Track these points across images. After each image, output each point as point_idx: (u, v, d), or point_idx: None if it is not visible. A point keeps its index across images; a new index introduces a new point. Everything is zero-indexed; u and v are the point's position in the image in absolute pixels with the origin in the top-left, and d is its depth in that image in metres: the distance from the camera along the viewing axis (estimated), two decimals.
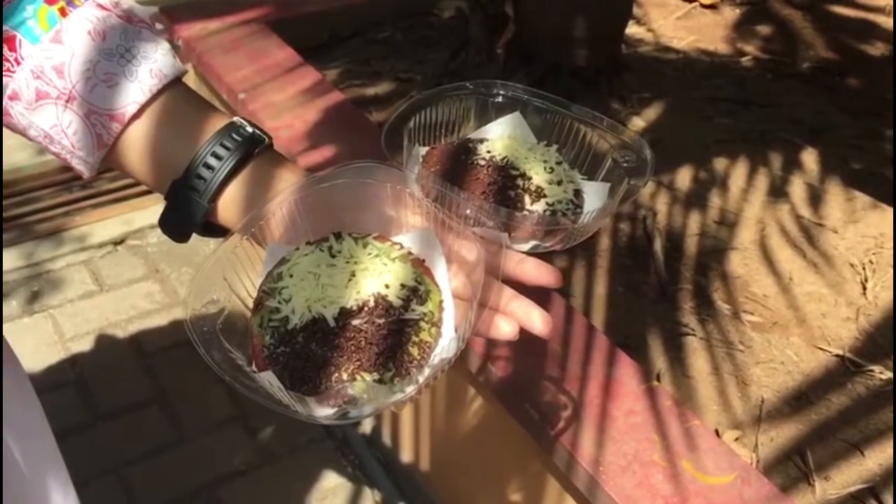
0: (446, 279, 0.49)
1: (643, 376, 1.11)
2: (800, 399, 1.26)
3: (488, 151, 0.55)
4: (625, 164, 0.53)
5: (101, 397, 1.69)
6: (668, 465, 1.00)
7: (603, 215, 0.51)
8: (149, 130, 0.53)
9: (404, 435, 1.54)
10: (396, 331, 0.46)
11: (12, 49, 0.50)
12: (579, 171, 0.56)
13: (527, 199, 0.52)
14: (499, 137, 0.56)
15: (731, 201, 1.66)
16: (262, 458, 1.58)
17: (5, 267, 1.97)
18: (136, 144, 0.53)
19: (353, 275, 0.48)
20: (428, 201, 0.50)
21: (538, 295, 0.49)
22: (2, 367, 0.63)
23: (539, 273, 0.50)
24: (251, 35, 1.89)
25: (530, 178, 0.53)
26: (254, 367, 0.46)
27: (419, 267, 0.49)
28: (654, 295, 1.44)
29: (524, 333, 0.49)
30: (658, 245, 1.53)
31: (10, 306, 1.88)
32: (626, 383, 1.10)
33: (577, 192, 0.54)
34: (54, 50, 0.51)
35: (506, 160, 0.54)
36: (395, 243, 0.50)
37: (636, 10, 2.45)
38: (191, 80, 2.07)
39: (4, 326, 1.83)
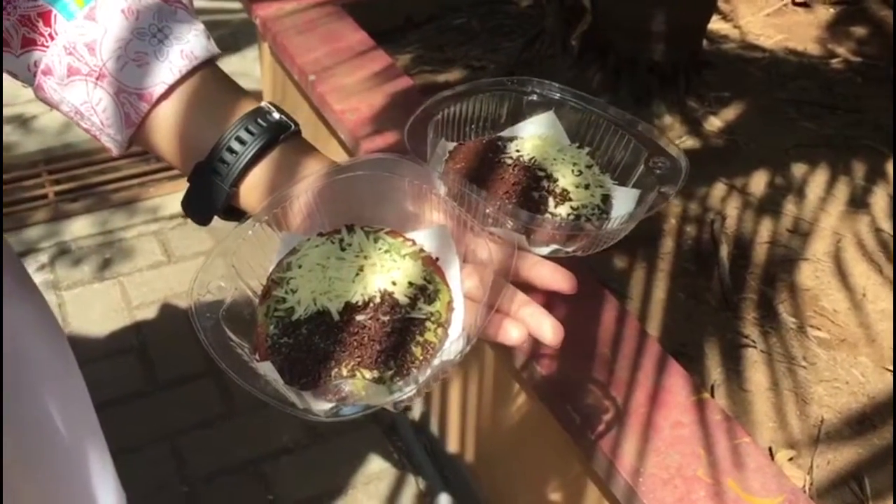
0: (458, 279, 0.48)
1: (694, 387, 1.07)
2: (862, 422, 1.20)
3: (517, 150, 0.53)
4: (657, 171, 0.50)
5: (161, 366, 1.73)
6: (713, 482, 0.96)
7: (629, 223, 0.48)
8: (176, 112, 0.52)
9: (451, 424, 1.53)
10: (401, 329, 0.44)
11: (47, 24, 0.51)
12: (611, 176, 0.54)
13: (551, 202, 0.50)
14: (529, 137, 0.54)
15: (807, 210, 1.59)
16: (309, 437, 1.60)
17: (81, 233, 2.04)
18: (163, 125, 0.53)
19: (361, 269, 0.47)
20: (449, 198, 0.48)
21: (591, 297, 0.47)
22: (2, 274, 0.63)
23: (554, 278, 0.47)
24: (326, 17, 1.90)
25: (556, 181, 0.51)
26: (256, 357, 0.46)
27: (430, 265, 0.48)
28: (715, 303, 1.39)
29: (567, 334, 0.47)
30: (724, 251, 1.47)
31: (83, 271, 1.95)
32: (675, 393, 1.06)
33: (606, 198, 0.51)
34: (87, 27, 0.51)
35: (533, 160, 0.52)
36: (408, 239, 0.49)
37: (723, 6, 2.37)
38: (266, 61, 2.09)
39: (75, 291, 1.89)
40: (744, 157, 1.73)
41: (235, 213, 0.55)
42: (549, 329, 0.46)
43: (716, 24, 2.26)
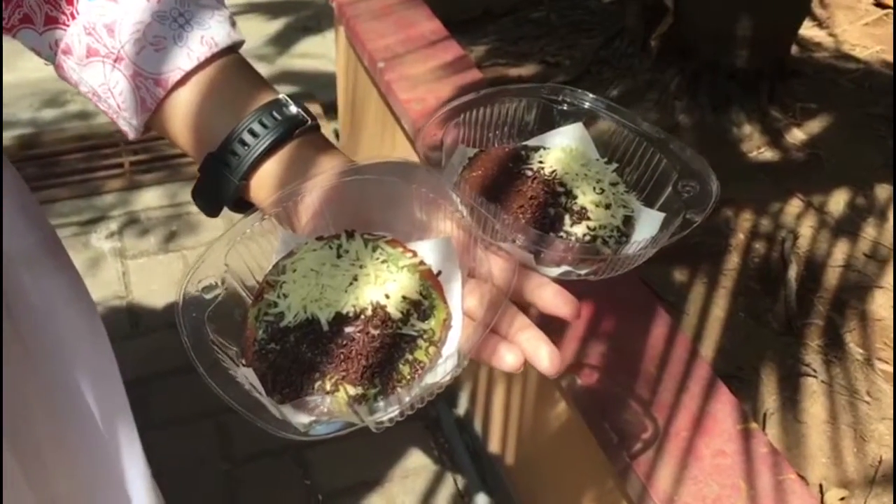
0: (459, 296, 0.45)
1: (741, 415, 1.01)
2: None
3: (539, 162, 0.49)
4: (685, 195, 0.46)
5: None
6: None
7: (649, 248, 0.44)
8: (192, 99, 0.51)
9: (494, 424, 1.50)
10: (390, 345, 0.42)
11: (69, 3, 0.50)
12: (639, 196, 0.50)
13: (567, 220, 0.46)
14: (554, 148, 0.50)
15: (887, 234, 1.50)
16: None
17: (151, 204, 2.09)
18: (178, 112, 0.51)
19: (355, 279, 0.44)
20: (462, 209, 0.45)
21: (642, 310, 0.44)
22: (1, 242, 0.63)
23: (556, 301, 0.44)
24: (402, 4, 1.88)
25: (576, 198, 0.47)
26: (243, 361, 0.44)
27: (430, 279, 0.45)
28: (778, 326, 1.32)
29: (613, 347, 0.44)
30: (793, 272, 1.40)
31: (149, 242, 1.99)
32: (720, 420, 1.01)
33: (627, 219, 0.47)
34: (108, 8, 0.50)
35: (554, 174, 0.48)
36: (409, 250, 0.46)
37: (819, 12, 2.26)
38: (341, 44, 2.09)
39: (140, 261, 1.93)
40: (825, 173, 1.65)
41: (246, 207, 0.53)
42: (545, 357, 0.42)
43: (809, 31, 2.15)
